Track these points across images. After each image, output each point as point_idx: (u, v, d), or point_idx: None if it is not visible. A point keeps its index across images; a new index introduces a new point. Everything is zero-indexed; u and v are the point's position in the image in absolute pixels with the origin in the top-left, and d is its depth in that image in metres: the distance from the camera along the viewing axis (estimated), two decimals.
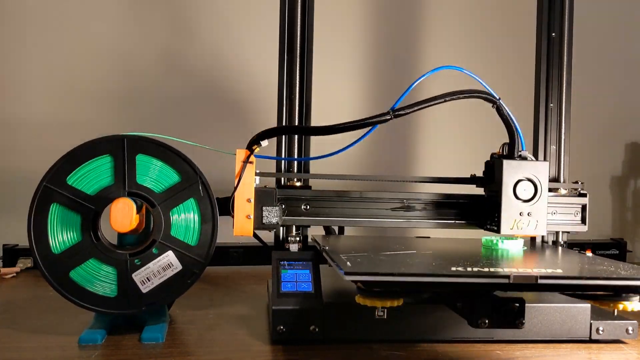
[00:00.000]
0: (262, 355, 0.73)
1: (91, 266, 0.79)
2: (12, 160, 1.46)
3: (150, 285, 0.79)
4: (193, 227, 0.81)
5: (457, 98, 0.85)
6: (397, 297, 0.67)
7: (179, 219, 0.81)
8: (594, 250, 1.46)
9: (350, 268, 0.65)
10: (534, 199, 0.87)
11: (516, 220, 0.87)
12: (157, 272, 0.79)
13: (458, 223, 0.96)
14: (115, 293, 0.79)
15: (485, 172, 0.95)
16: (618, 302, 0.68)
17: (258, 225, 0.87)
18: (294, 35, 0.98)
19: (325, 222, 0.96)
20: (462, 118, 1.60)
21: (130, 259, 0.79)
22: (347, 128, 0.85)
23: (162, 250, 0.80)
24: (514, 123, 0.88)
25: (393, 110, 0.84)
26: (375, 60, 1.63)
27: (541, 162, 0.89)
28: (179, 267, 0.80)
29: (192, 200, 0.81)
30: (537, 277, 0.63)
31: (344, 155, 0.93)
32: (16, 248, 1.35)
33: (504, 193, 0.87)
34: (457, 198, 0.96)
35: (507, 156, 0.90)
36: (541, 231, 0.88)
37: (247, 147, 0.86)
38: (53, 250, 0.78)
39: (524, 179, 0.87)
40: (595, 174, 1.67)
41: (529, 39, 1.13)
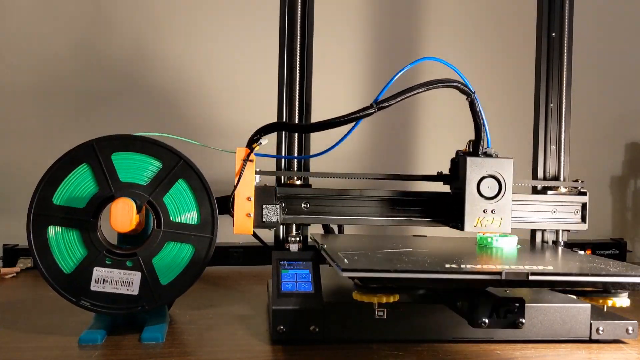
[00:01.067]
0: (262, 355, 0.73)
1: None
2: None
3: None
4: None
5: (436, 87, 0.85)
6: (392, 293, 0.68)
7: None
8: (594, 250, 1.47)
9: (347, 265, 0.66)
10: (498, 196, 0.86)
11: (480, 217, 0.87)
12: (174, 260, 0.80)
13: (423, 220, 0.96)
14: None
15: (451, 169, 0.94)
16: (607, 298, 0.71)
17: (258, 223, 0.87)
18: (294, 34, 0.98)
19: (325, 220, 0.96)
20: (463, 117, 1.59)
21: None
22: (332, 124, 0.85)
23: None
24: (482, 119, 0.88)
25: (376, 103, 0.84)
26: (376, 60, 1.63)
27: (505, 159, 0.87)
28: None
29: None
30: (528, 273, 0.65)
31: (344, 154, 0.93)
32: (16, 248, 1.35)
33: (467, 190, 0.86)
34: (423, 195, 0.96)
35: (472, 153, 0.89)
36: (505, 228, 0.87)
37: (247, 145, 0.86)
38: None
39: (487, 176, 0.87)
40: (595, 174, 1.67)
41: (528, 39, 1.13)
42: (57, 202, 0.79)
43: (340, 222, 0.97)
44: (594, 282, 0.68)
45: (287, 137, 0.98)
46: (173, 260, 0.80)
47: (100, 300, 0.78)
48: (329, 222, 0.97)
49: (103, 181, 0.79)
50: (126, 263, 0.79)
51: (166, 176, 0.81)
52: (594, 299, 0.73)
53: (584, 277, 0.67)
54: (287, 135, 0.98)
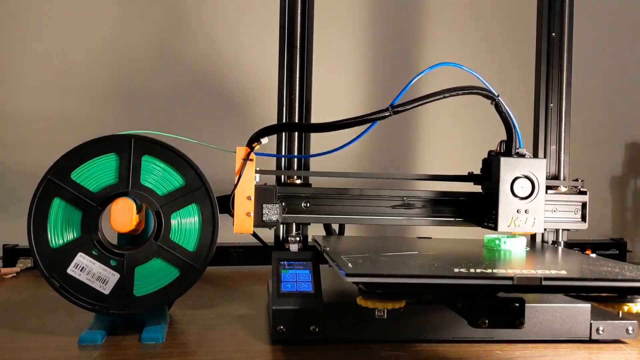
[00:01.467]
0: (262, 355, 0.73)
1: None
2: (12, 158, 1.46)
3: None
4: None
5: (457, 94, 0.85)
6: (399, 299, 0.66)
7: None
8: (594, 250, 1.46)
9: (351, 269, 0.64)
10: (531, 196, 0.87)
11: (513, 217, 0.87)
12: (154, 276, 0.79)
13: (456, 220, 0.97)
14: (177, 271, 0.79)
15: (483, 169, 0.95)
16: (623, 303, 0.68)
17: (258, 222, 0.87)
18: (294, 33, 0.98)
19: (325, 219, 0.96)
20: (463, 116, 1.60)
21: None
22: (346, 125, 0.85)
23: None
24: (512, 120, 0.88)
25: (392, 107, 0.84)
26: (376, 59, 1.63)
27: (538, 160, 0.88)
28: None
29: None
30: (541, 278, 0.63)
31: (344, 153, 0.93)
32: (16, 248, 1.35)
33: (501, 190, 0.87)
34: (455, 196, 0.97)
35: (505, 153, 0.90)
36: (538, 228, 0.88)
37: (247, 144, 0.86)
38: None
39: (521, 177, 0.87)
40: (595, 174, 1.67)
41: (528, 39, 1.13)
42: (74, 178, 0.79)
43: (340, 221, 0.97)
44: (610, 287, 0.66)
45: (287, 136, 0.98)
46: (155, 276, 0.80)
47: (71, 285, 0.78)
48: (329, 221, 0.97)
49: (124, 176, 0.79)
50: (110, 261, 0.79)
51: (183, 195, 0.81)
52: (609, 305, 0.69)
53: (599, 282, 0.65)
54: (287, 135, 0.98)
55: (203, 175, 0.81)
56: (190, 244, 0.81)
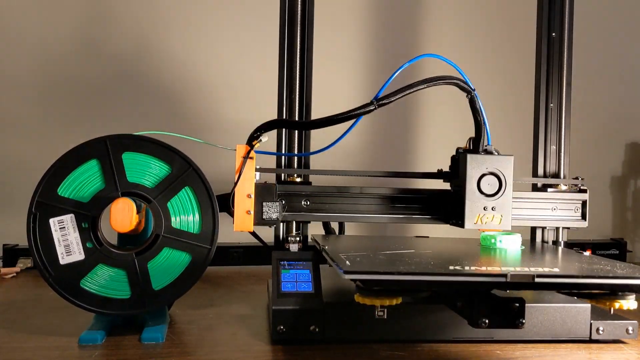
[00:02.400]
0: (262, 355, 0.73)
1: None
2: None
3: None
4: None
5: (436, 84, 0.85)
6: (395, 296, 0.67)
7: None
8: (594, 250, 1.47)
9: (349, 267, 0.65)
10: (498, 193, 0.86)
11: (480, 214, 0.87)
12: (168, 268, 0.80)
13: (422, 217, 0.96)
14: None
15: (451, 166, 0.94)
16: (614, 300, 0.69)
17: (258, 220, 0.87)
18: (294, 32, 0.98)
19: (325, 217, 0.96)
20: (463, 114, 1.60)
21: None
22: (333, 121, 0.85)
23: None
24: (483, 117, 0.88)
25: (376, 100, 0.85)
26: (376, 58, 1.64)
27: (506, 156, 0.87)
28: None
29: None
30: (534, 275, 0.64)
31: (344, 151, 0.93)
32: (16, 248, 1.35)
33: (467, 187, 0.86)
34: (423, 193, 0.96)
35: (472, 150, 0.89)
36: (506, 226, 0.87)
37: (247, 142, 0.86)
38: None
39: (487, 173, 0.87)
40: (595, 174, 1.67)
41: (529, 39, 1.13)
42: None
43: (340, 219, 0.97)
44: (601, 284, 0.66)
45: (287, 134, 0.98)
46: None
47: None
48: (329, 219, 0.97)
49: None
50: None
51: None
52: (601, 302, 0.71)
53: (590, 279, 0.66)
54: (287, 133, 0.98)
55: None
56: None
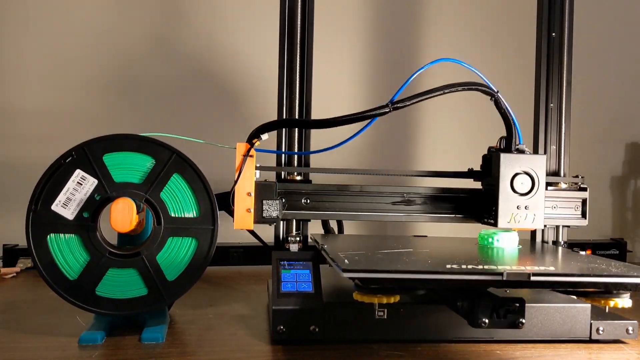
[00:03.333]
0: (262, 355, 0.73)
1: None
2: (11, 157, 1.46)
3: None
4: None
5: (456, 90, 0.85)
6: (393, 294, 0.68)
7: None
8: (594, 250, 1.47)
9: (347, 265, 0.66)
10: (531, 192, 0.87)
11: (513, 213, 0.87)
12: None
13: (456, 217, 0.97)
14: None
15: (483, 165, 0.95)
16: (609, 298, 0.71)
17: (258, 218, 0.87)
18: (294, 33, 0.98)
19: (325, 216, 0.96)
20: (463, 113, 1.60)
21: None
22: (346, 121, 0.85)
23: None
24: (511, 116, 0.88)
25: (392, 103, 0.85)
26: (376, 56, 1.64)
27: (539, 156, 0.88)
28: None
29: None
30: (529, 274, 0.65)
31: (344, 149, 0.93)
32: (16, 248, 1.35)
33: (501, 186, 0.87)
34: (455, 192, 0.97)
35: (504, 150, 0.90)
36: (538, 224, 0.88)
37: (247, 140, 0.86)
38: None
39: (521, 172, 0.87)
40: (595, 174, 1.67)
41: (529, 39, 1.13)
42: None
43: (340, 217, 0.97)
44: (596, 282, 0.67)
45: (287, 133, 0.98)
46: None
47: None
48: (329, 217, 0.97)
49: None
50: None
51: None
52: (596, 300, 0.72)
53: (585, 277, 0.67)
54: (287, 131, 0.98)
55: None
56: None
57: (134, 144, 0.80)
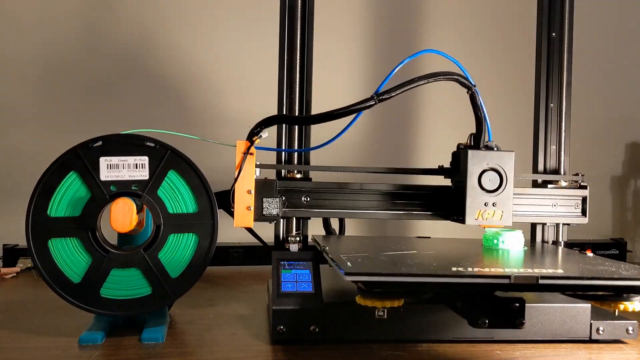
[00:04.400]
0: (262, 355, 0.73)
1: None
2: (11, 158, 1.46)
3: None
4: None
5: (437, 79, 0.85)
6: (397, 298, 0.66)
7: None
8: (594, 250, 1.46)
9: (350, 268, 0.64)
10: (499, 189, 0.86)
11: (481, 210, 0.86)
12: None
13: (423, 214, 0.96)
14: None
15: (452, 162, 0.94)
16: (619, 302, 0.68)
17: (258, 216, 0.87)
18: (294, 33, 0.98)
19: (325, 214, 0.95)
20: (464, 110, 1.59)
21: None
22: (333, 116, 0.85)
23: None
24: (483, 112, 0.88)
25: (377, 95, 0.85)
26: (376, 55, 1.63)
27: (507, 152, 0.87)
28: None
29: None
30: (537, 277, 0.63)
31: (345, 148, 0.93)
32: (16, 248, 1.35)
33: (468, 183, 0.86)
34: (422, 189, 0.96)
35: (473, 146, 0.89)
36: (507, 221, 0.87)
37: (247, 138, 0.86)
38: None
39: (488, 169, 0.87)
40: (595, 174, 1.67)
41: (528, 39, 1.13)
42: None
43: (340, 215, 0.97)
44: (606, 286, 0.66)
45: (287, 130, 0.98)
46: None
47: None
48: (330, 215, 0.97)
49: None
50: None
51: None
52: (605, 303, 0.70)
53: (595, 280, 0.65)
54: (287, 129, 0.98)
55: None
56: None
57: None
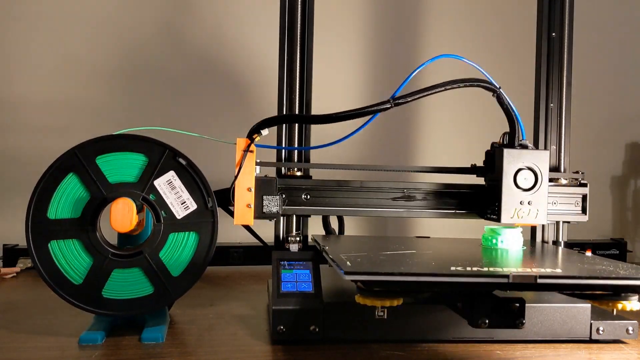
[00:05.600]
0: (262, 355, 0.73)
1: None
2: (10, 157, 1.46)
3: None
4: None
5: (458, 86, 0.85)
6: (396, 297, 0.67)
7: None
8: (594, 250, 1.47)
9: (350, 268, 0.65)
10: (534, 187, 0.87)
11: (516, 209, 0.87)
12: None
13: (458, 213, 0.96)
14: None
15: (486, 161, 0.94)
16: (617, 301, 0.69)
17: (258, 214, 0.87)
18: (294, 32, 0.98)
19: (325, 211, 0.95)
20: (464, 108, 1.60)
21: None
22: (348, 116, 0.85)
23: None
24: (514, 112, 0.88)
25: (393, 99, 0.85)
26: (377, 55, 1.63)
27: (542, 151, 0.88)
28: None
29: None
30: (536, 276, 0.64)
31: (345, 145, 0.93)
32: (16, 248, 1.35)
33: (504, 182, 0.87)
34: (458, 188, 0.96)
35: (508, 145, 0.89)
36: (541, 220, 0.87)
37: (247, 135, 0.86)
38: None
39: (524, 168, 0.87)
40: (595, 174, 1.67)
41: (529, 39, 1.13)
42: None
43: (340, 213, 0.96)
44: (604, 285, 0.66)
45: (287, 128, 0.98)
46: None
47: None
48: (330, 213, 0.97)
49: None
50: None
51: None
52: (603, 303, 0.70)
53: (593, 280, 0.65)
54: (288, 127, 0.98)
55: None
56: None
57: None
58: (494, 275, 0.65)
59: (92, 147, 0.79)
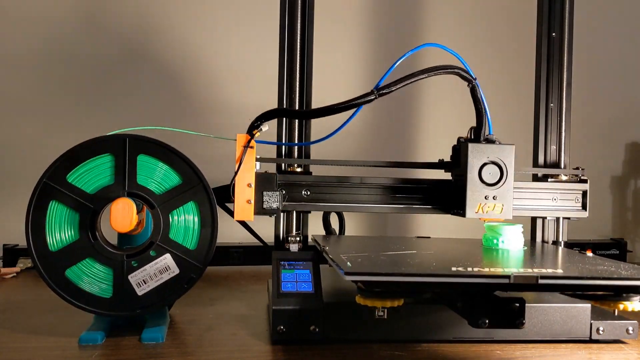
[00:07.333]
0: (262, 355, 0.73)
1: (87, 265, 0.78)
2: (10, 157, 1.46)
3: (146, 288, 0.79)
4: (192, 231, 0.81)
5: (437, 73, 0.86)
6: (397, 297, 0.67)
7: (179, 222, 0.81)
8: (594, 250, 1.46)
9: (350, 268, 0.65)
10: (499, 182, 0.86)
11: (481, 204, 0.86)
12: (154, 275, 0.79)
13: (423, 207, 0.95)
14: (110, 294, 0.79)
15: (452, 156, 0.94)
16: (618, 302, 0.68)
17: (258, 210, 0.87)
18: (294, 31, 0.98)
19: (325, 207, 0.95)
20: (464, 106, 1.59)
21: (126, 260, 0.79)
22: (334, 110, 0.86)
23: (159, 253, 0.79)
24: (484, 106, 0.88)
25: (377, 89, 0.85)
26: (376, 49, 1.63)
27: (507, 145, 0.87)
28: (176, 271, 0.79)
29: (192, 203, 0.81)
30: (537, 277, 0.63)
31: (344, 143, 0.93)
32: (16, 248, 1.35)
33: (469, 176, 0.86)
34: (424, 183, 0.96)
35: (473, 139, 0.89)
36: (507, 215, 0.87)
37: (247, 131, 0.86)
38: (50, 247, 0.78)
39: (489, 162, 0.86)
40: (595, 174, 1.67)
41: (529, 39, 1.13)
42: (55, 248, 0.78)
43: (340, 209, 0.96)
44: (605, 285, 0.66)
45: (287, 124, 0.98)
46: (187, 225, 0.81)
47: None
48: (330, 209, 0.96)
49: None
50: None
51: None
52: (605, 303, 0.70)
53: (594, 280, 0.65)
54: (288, 123, 0.98)
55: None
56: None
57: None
58: (495, 276, 0.64)
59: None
